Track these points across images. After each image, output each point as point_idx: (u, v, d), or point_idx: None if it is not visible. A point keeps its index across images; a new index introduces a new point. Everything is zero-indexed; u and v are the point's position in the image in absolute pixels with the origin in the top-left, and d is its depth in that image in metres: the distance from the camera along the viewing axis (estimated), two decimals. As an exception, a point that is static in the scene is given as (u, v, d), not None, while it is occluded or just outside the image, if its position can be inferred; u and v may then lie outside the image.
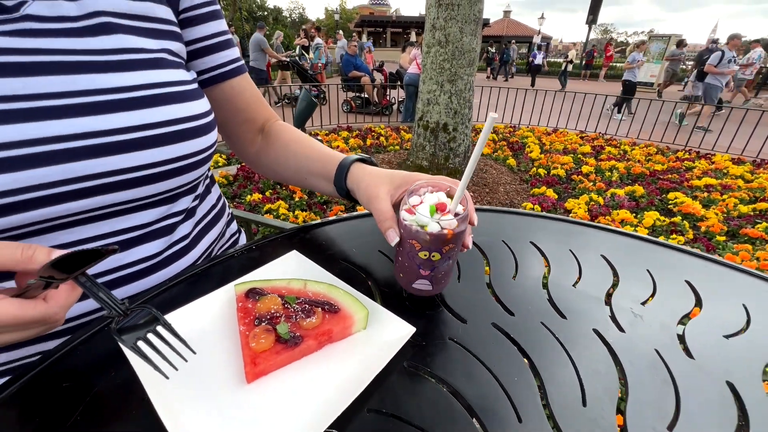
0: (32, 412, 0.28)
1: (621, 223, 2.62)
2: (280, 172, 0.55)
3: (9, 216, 0.30)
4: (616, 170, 3.72)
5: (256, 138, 0.56)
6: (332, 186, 0.48)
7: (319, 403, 0.29)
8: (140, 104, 0.35)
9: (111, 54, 0.34)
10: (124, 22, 0.37)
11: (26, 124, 0.29)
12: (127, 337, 0.26)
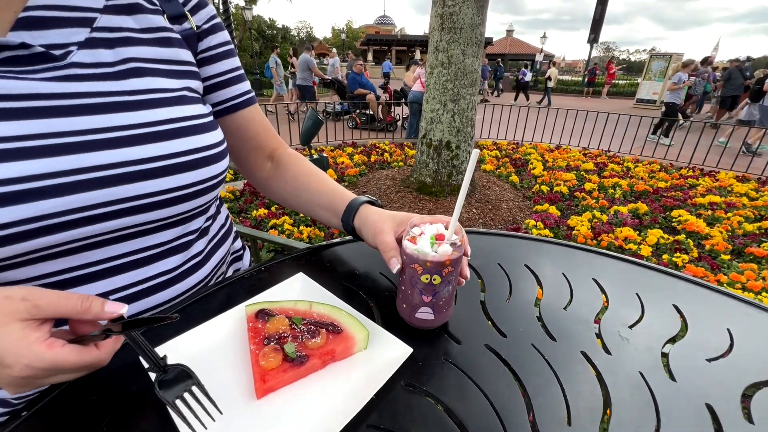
0: (62, 423, 0.31)
1: (624, 240, 2.62)
2: (289, 201, 0.59)
3: (52, 235, 0.34)
4: (619, 187, 3.74)
5: (265, 164, 0.60)
6: (339, 221, 0.53)
7: (322, 418, 0.32)
8: (166, 136, 0.39)
9: (141, 94, 0.39)
10: (152, 65, 0.41)
11: (71, 156, 0.34)
12: (166, 394, 0.30)
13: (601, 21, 18.33)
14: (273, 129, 0.60)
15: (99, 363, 0.31)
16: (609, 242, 2.58)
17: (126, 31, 0.40)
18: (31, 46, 0.34)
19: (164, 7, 0.45)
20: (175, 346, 0.35)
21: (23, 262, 0.34)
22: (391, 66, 12.44)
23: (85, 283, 0.38)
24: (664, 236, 2.66)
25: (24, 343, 0.27)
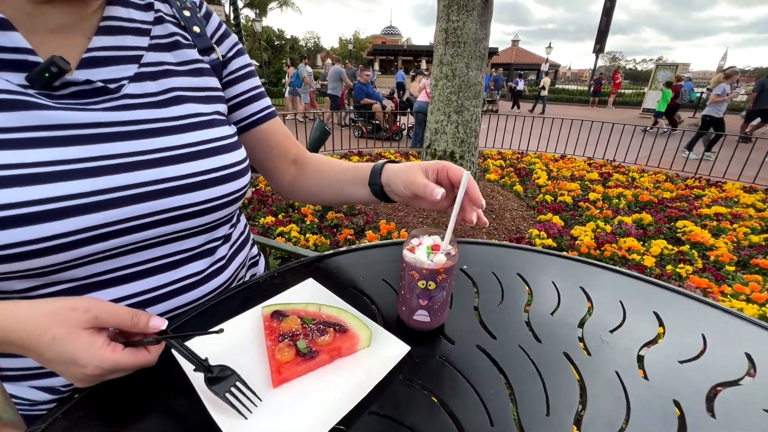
0: (107, 403, 0.37)
1: (628, 251, 2.63)
2: (316, 192, 0.63)
3: (104, 242, 0.39)
4: (623, 197, 3.74)
5: (289, 169, 0.65)
6: (367, 188, 0.55)
7: (329, 404, 0.36)
8: (200, 156, 0.45)
9: (180, 119, 0.45)
10: (188, 93, 0.47)
11: (126, 174, 0.40)
12: (218, 389, 0.35)
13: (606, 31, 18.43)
14: (293, 137, 0.66)
15: (149, 363, 0.37)
16: (612, 252, 2.59)
17: (166, 65, 0.46)
18: (93, 82, 0.40)
19: (196, 42, 0.51)
20: (203, 341, 0.40)
21: (77, 265, 0.40)
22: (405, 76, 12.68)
23: (126, 283, 0.44)
24: (668, 247, 2.67)
25: (93, 348, 0.33)
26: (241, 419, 0.34)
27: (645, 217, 3.18)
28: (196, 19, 0.52)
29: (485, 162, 5.07)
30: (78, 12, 0.41)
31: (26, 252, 0.35)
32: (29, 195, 0.34)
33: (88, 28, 0.42)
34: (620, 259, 2.57)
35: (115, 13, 0.44)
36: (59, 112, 0.37)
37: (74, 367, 0.33)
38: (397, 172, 0.51)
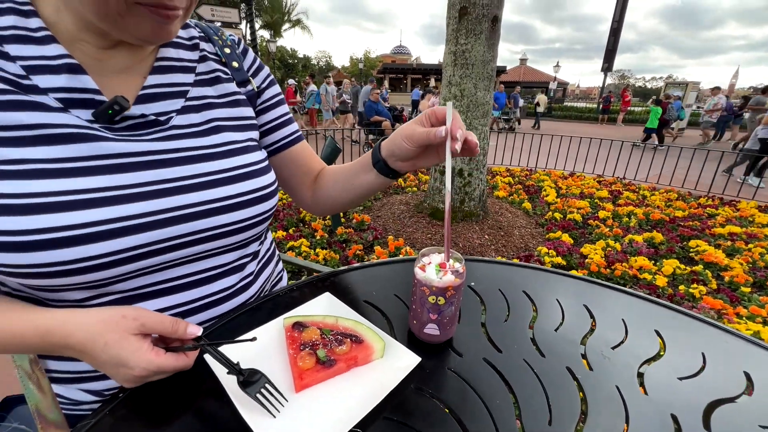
0: (144, 409, 0.40)
1: (639, 270, 2.61)
2: (334, 196, 0.66)
3: (152, 258, 0.44)
4: (634, 216, 3.72)
5: (312, 185, 0.70)
6: (374, 170, 0.57)
7: (347, 409, 0.40)
8: (237, 180, 0.50)
9: (219, 147, 0.50)
10: (226, 123, 0.53)
11: (174, 197, 0.45)
12: (249, 391, 0.39)
13: (614, 50, 18.61)
14: (317, 156, 0.71)
15: (187, 367, 0.41)
16: (623, 271, 2.57)
17: (208, 98, 0.52)
18: (147, 116, 0.46)
19: (234, 76, 0.57)
20: (230, 348, 0.44)
21: (125, 279, 0.44)
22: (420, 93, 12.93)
23: (166, 295, 0.48)
24: (680, 266, 2.63)
25: (140, 352, 0.37)
26: (269, 418, 0.38)
27: (656, 235, 3.15)
28: (235, 55, 0.59)
29: (494, 179, 5.11)
30: (137, 55, 0.48)
31: (85, 267, 0.40)
32: (92, 217, 0.40)
33: (144, 68, 0.49)
34: (631, 279, 2.54)
35: (167, 54, 0.51)
36: (118, 143, 0.43)
37: (124, 369, 0.37)
38: (394, 138, 0.53)
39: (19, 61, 0.41)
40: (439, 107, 0.49)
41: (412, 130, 0.50)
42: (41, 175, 0.39)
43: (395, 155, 0.54)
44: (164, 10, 0.41)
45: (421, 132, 0.48)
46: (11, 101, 0.39)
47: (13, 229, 0.37)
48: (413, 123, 0.51)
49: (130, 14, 0.40)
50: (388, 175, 0.57)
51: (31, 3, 0.43)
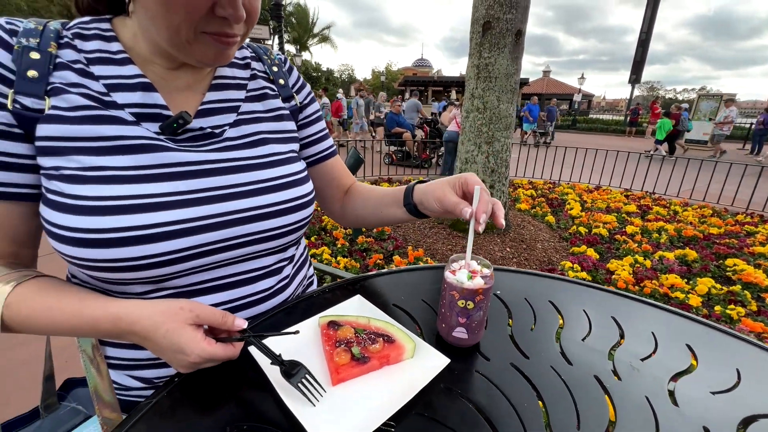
0: (194, 394, 0.44)
1: (670, 288, 2.50)
2: (362, 215, 0.72)
3: (201, 259, 0.49)
4: (664, 232, 3.58)
5: (342, 197, 0.75)
6: (403, 208, 0.63)
7: (380, 403, 0.42)
8: (282, 188, 0.54)
9: (265, 158, 0.55)
10: (271, 136, 0.58)
11: (226, 203, 0.49)
12: (291, 380, 0.42)
13: (642, 62, 18.13)
14: (348, 170, 0.76)
15: (233, 357, 0.45)
16: (653, 289, 2.47)
17: (257, 113, 0.58)
18: (204, 129, 0.51)
19: (280, 92, 0.63)
20: (270, 342, 0.48)
21: (180, 276, 0.49)
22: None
23: (214, 293, 0.53)
24: (716, 286, 2.50)
25: (195, 340, 0.41)
26: (309, 406, 0.41)
27: (689, 253, 3.01)
28: (281, 73, 0.64)
29: (516, 191, 5.04)
30: (198, 75, 0.54)
31: (148, 264, 0.45)
32: (156, 219, 0.45)
33: (203, 86, 0.54)
34: (662, 297, 2.44)
35: (223, 72, 0.57)
36: (180, 153, 0.48)
37: (181, 355, 0.41)
38: (427, 192, 0.59)
39: (101, 80, 0.47)
40: (470, 182, 0.53)
41: (443, 195, 0.55)
42: (115, 180, 0.44)
43: (424, 205, 0.60)
44: (225, 38, 0.46)
45: (451, 202, 0.53)
46: (94, 116, 0.45)
47: (89, 227, 0.42)
48: (447, 186, 0.56)
49: (196, 42, 0.45)
50: (416, 216, 0.63)
51: (112, 30, 0.50)
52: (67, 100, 0.44)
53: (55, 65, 0.45)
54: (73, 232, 0.42)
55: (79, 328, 0.44)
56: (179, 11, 0.42)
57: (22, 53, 0.43)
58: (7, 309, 0.41)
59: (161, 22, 0.43)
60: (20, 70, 0.42)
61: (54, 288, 0.45)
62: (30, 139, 0.44)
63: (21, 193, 0.45)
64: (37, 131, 0.43)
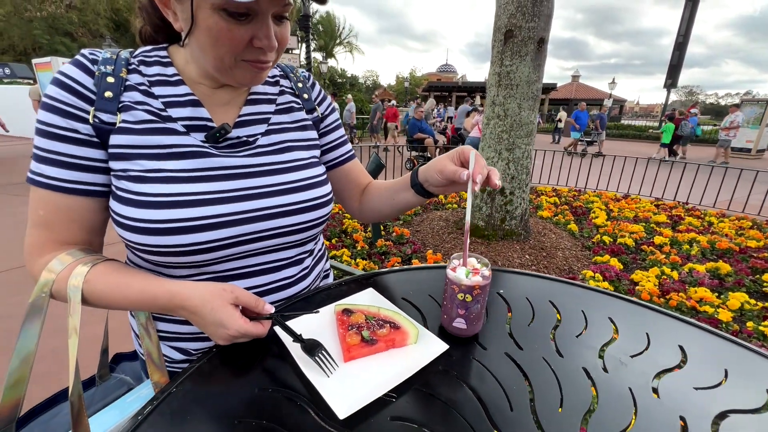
0: (230, 362, 0.53)
1: (699, 302, 2.41)
2: (377, 207, 0.78)
3: (234, 248, 0.57)
4: (696, 243, 3.42)
5: (360, 196, 0.82)
6: (411, 190, 0.68)
7: (384, 378, 0.49)
8: (303, 189, 0.63)
9: (290, 162, 0.64)
10: (296, 144, 0.66)
11: (256, 201, 0.58)
12: (309, 354, 0.50)
13: (678, 66, 17.31)
14: (365, 171, 0.84)
15: (262, 335, 0.53)
16: (679, 302, 2.39)
17: (284, 123, 0.66)
18: (241, 137, 0.60)
19: (304, 105, 0.71)
20: (293, 323, 0.55)
21: (217, 263, 0.58)
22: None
23: (244, 279, 0.61)
24: (750, 301, 2.38)
25: (234, 317, 0.50)
26: (324, 377, 0.48)
27: (722, 266, 2.88)
28: (305, 88, 0.73)
29: (538, 198, 4.97)
30: (236, 92, 0.63)
31: (194, 250, 0.54)
32: (201, 213, 0.54)
33: (240, 101, 0.64)
34: (689, 310, 2.35)
35: (256, 89, 0.66)
36: (221, 159, 0.58)
37: (222, 329, 0.50)
38: (428, 168, 0.64)
39: (160, 99, 0.57)
40: (464, 151, 0.59)
41: (444, 165, 0.60)
42: (170, 181, 0.54)
43: (429, 182, 0.65)
44: (260, 64, 0.55)
45: (451, 170, 0.59)
46: (154, 128, 0.55)
47: (149, 219, 0.52)
48: (446, 158, 0.61)
49: (237, 67, 0.54)
50: (424, 195, 0.68)
51: (169, 57, 0.60)
52: (133, 116, 0.54)
53: (125, 87, 0.55)
54: (136, 222, 0.52)
55: (141, 301, 0.53)
56: (225, 45, 0.51)
57: (101, 78, 0.53)
58: (86, 284, 0.51)
59: (210, 53, 0.52)
60: (99, 91, 0.53)
61: (121, 269, 0.55)
62: (104, 147, 0.54)
63: (96, 191, 0.55)
64: (110, 140, 0.53)
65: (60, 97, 0.51)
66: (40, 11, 20.37)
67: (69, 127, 0.51)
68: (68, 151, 0.52)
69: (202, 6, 0.48)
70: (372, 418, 0.43)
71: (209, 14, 0.49)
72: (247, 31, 0.51)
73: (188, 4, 0.49)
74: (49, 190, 0.52)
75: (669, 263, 2.99)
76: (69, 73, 0.52)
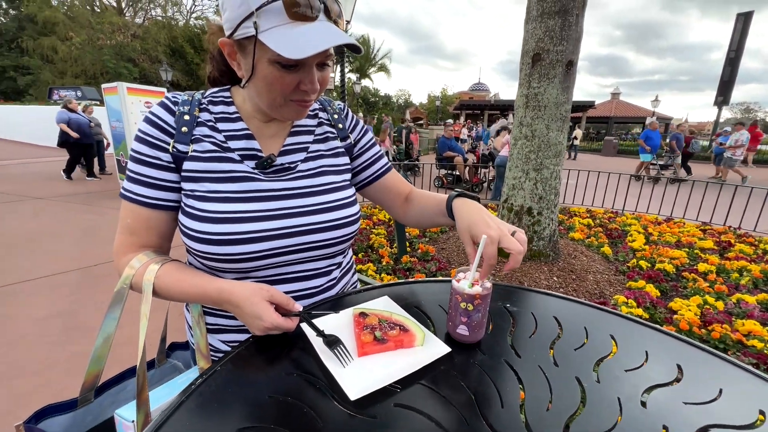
0: (264, 351, 0.62)
1: (746, 336, 2.24)
2: (421, 221, 0.88)
3: (273, 259, 0.68)
4: (747, 272, 3.18)
5: (402, 203, 0.92)
6: (447, 218, 0.76)
7: (392, 371, 0.56)
8: (335, 209, 0.73)
9: (324, 186, 0.74)
10: (330, 169, 0.77)
11: (295, 219, 0.69)
12: (329, 347, 0.59)
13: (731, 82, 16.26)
14: (404, 180, 0.94)
15: (291, 329, 0.62)
16: (723, 334, 2.23)
17: (320, 151, 0.78)
18: (284, 164, 0.72)
19: (339, 134, 0.83)
20: (317, 322, 0.65)
21: (257, 270, 0.69)
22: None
23: (280, 285, 0.71)
24: (807, 338, 2.18)
25: (270, 311, 0.60)
26: (341, 367, 0.56)
27: (776, 298, 2.65)
28: (340, 119, 0.85)
29: (571, 219, 4.83)
30: (281, 125, 0.75)
31: (243, 258, 0.65)
32: (250, 228, 0.65)
33: (284, 133, 0.76)
34: (735, 344, 2.19)
35: (298, 122, 0.78)
36: (268, 183, 0.69)
37: (258, 321, 0.60)
38: (458, 221, 0.71)
39: (222, 133, 0.70)
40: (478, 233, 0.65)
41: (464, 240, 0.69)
42: (226, 201, 0.66)
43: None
44: (304, 103, 0.67)
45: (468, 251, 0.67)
46: (217, 156, 0.68)
47: (209, 231, 0.64)
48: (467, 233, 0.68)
49: (285, 105, 0.66)
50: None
51: (231, 96, 0.73)
52: (202, 146, 0.67)
53: (197, 123, 0.69)
54: (199, 233, 0.64)
55: (196, 295, 0.64)
56: (277, 89, 0.63)
57: (180, 117, 0.67)
58: (157, 279, 0.64)
59: (265, 95, 0.65)
60: (178, 127, 0.67)
61: (182, 269, 0.68)
62: (178, 171, 0.67)
63: (170, 206, 0.68)
64: (183, 166, 0.67)
65: (149, 132, 0.66)
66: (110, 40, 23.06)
67: (154, 155, 0.66)
68: (153, 175, 0.66)
69: (262, 59, 0.61)
70: (378, 403, 0.51)
71: (266, 65, 0.61)
72: (295, 78, 0.62)
73: (250, 58, 0.61)
74: (136, 204, 0.66)
75: (714, 292, 2.80)
76: (157, 113, 0.67)
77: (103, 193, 6.77)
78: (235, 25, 0.58)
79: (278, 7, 0.56)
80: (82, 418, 0.71)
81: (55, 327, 2.48)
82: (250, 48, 0.60)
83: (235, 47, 0.63)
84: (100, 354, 0.65)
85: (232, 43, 0.63)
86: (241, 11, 0.57)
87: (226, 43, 0.63)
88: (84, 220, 5.11)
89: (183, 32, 24.47)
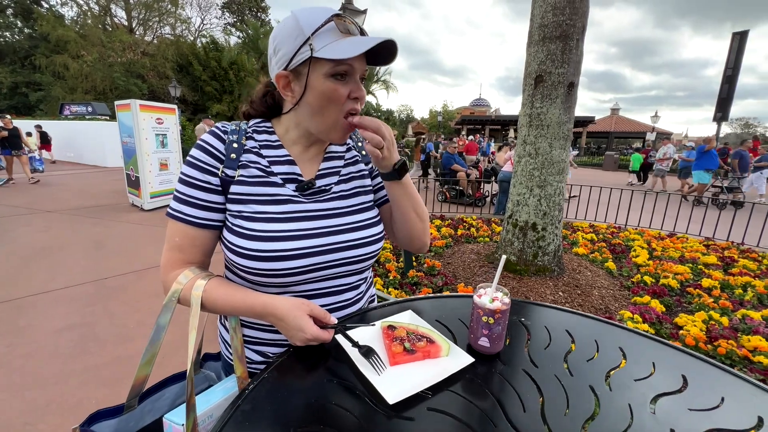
0: (302, 360, 0.68)
1: (752, 352, 2.26)
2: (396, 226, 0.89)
3: (309, 274, 0.75)
4: (751, 288, 3.21)
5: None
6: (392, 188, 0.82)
7: (422, 379, 0.62)
8: (364, 227, 0.80)
9: (355, 206, 0.82)
10: (359, 190, 0.85)
11: (330, 237, 0.76)
12: (365, 356, 0.65)
13: (728, 99, 16.49)
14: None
15: (328, 340, 0.68)
16: (729, 350, 2.26)
17: (351, 173, 0.85)
18: (320, 186, 0.79)
19: (363, 159, 0.90)
20: (351, 334, 0.71)
21: (295, 285, 0.75)
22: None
23: (315, 298, 0.78)
24: (813, 354, 2.20)
25: (310, 324, 0.66)
26: (376, 375, 0.62)
27: (781, 314, 2.67)
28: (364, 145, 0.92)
29: (574, 234, 4.88)
30: (318, 151, 0.83)
31: (283, 273, 0.72)
32: (291, 246, 0.72)
33: (319, 158, 0.84)
34: (741, 359, 2.21)
35: (331, 148, 0.86)
36: (306, 204, 0.77)
37: (300, 333, 0.66)
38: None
39: (266, 159, 0.78)
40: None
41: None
42: (270, 221, 0.73)
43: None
44: (354, 113, 0.74)
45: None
46: (262, 181, 0.75)
47: (255, 248, 0.71)
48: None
49: (336, 125, 0.74)
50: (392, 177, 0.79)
51: (272, 127, 0.81)
52: (248, 171, 0.75)
53: (244, 150, 0.77)
54: (245, 250, 0.71)
55: (242, 308, 0.71)
56: (334, 100, 0.70)
57: (229, 144, 0.75)
58: (204, 293, 0.70)
59: (319, 113, 0.72)
60: (227, 154, 0.75)
61: (227, 284, 0.74)
62: (225, 194, 0.75)
63: (215, 225, 0.76)
64: (230, 189, 0.74)
65: (201, 158, 0.73)
66: (120, 57, 23.73)
67: (205, 179, 0.73)
68: (201, 197, 0.73)
69: (317, 77, 0.69)
70: (413, 407, 0.57)
71: (322, 81, 0.69)
72: (346, 87, 0.70)
73: (304, 79, 0.70)
74: (184, 224, 0.74)
75: (719, 308, 2.83)
76: (209, 141, 0.75)
77: (111, 206, 6.89)
78: (291, 56, 0.68)
79: (331, 26, 0.66)
80: (125, 423, 0.76)
81: (69, 339, 2.53)
82: (305, 71, 0.69)
83: (290, 77, 0.72)
84: (149, 359, 0.71)
85: (287, 74, 0.71)
86: (298, 42, 0.67)
87: (281, 76, 0.72)
88: (94, 233, 5.20)
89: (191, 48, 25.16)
